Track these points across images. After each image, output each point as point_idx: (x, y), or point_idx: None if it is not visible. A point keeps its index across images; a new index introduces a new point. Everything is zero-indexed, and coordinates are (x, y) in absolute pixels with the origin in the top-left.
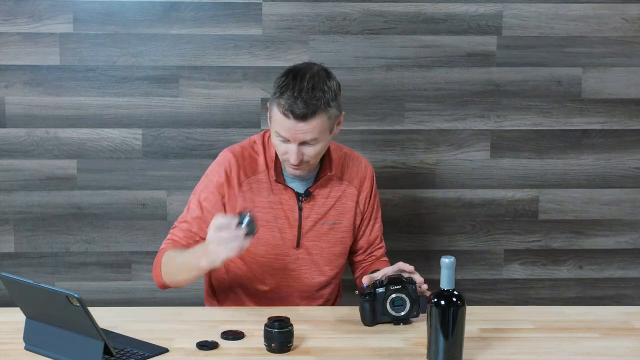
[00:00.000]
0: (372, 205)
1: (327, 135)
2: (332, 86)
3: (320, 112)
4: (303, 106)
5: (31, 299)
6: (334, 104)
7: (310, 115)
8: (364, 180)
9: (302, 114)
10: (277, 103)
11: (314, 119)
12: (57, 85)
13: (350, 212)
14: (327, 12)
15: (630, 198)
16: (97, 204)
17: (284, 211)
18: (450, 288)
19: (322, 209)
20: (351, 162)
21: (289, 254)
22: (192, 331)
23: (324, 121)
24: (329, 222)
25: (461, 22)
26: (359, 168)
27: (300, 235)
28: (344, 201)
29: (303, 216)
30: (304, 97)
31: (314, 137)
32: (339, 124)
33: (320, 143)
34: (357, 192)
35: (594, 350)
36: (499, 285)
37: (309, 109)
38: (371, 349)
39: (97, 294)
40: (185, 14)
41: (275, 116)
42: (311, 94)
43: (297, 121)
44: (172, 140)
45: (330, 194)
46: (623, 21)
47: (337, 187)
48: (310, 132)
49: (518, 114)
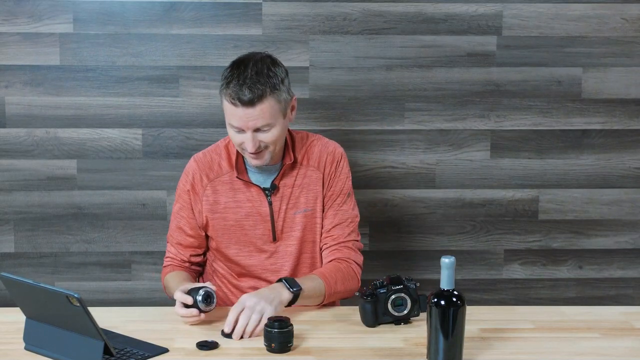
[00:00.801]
0: (335, 185)
1: (280, 119)
2: (278, 71)
3: (267, 96)
4: (248, 92)
5: (31, 299)
6: (282, 88)
7: (257, 99)
8: (330, 162)
9: (248, 99)
10: (224, 94)
11: (262, 104)
12: (57, 85)
13: (319, 196)
14: (327, 12)
15: (630, 198)
16: (97, 204)
17: (254, 208)
18: (450, 288)
19: (291, 199)
20: (317, 147)
21: (265, 249)
22: (192, 331)
23: (273, 105)
24: (300, 211)
25: (461, 22)
26: (325, 151)
27: (274, 229)
28: (312, 187)
29: (274, 209)
30: (248, 84)
31: (266, 123)
32: (292, 109)
33: (274, 128)
34: (322, 174)
35: (594, 350)
36: (499, 285)
37: (254, 94)
38: (371, 349)
39: (97, 294)
40: (185, 14)
41: (226, 107)
42: (255, 79)
43: (246, 107)
44: (172, 140)
45: (296, 183)
46: (623, 21)
47: (302, 174)
48: (260, 117)
49: (518, 114)
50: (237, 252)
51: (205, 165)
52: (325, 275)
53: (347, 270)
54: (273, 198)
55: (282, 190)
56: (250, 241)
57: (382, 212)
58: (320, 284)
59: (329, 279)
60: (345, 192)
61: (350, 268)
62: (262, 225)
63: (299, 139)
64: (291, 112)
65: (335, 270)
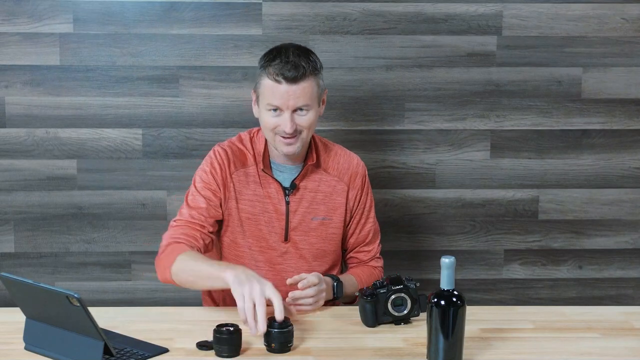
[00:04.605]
0: (364, 203)
1: (316, 105)
2: (316, 59)
3: (310, 76)
4: (293, 68)
5: (31, 299)
6: (320, 74)
7: (301, 77)
8: (355, 176)
9: (292, 76)
10: (266, 73)
11: (304, 82)
12: (57, 85)
13: (340, 208)
14: (327, 12)
15: (630, 198)
16: (97, 204)
17: (272, 204)
18: (450, 288)
19: (310, 203)
20: (342, 158)
21: (276, 247)
22: (192, 331)
23: (314, 87)
24: (318, 218)
25: (461, 22)
26: (350, 164)
27: (288, 229)
28: (334, 197)
29: (290, 209)
30: (293, 62)
31: (306, 103)
32: (323, 102)
33: (311, 112)
34: (347, 188)
35: (594, 350)
36: (499, 285)
37: (299, 71)
38: (371, 349)
39: (97, 294)
40: (185, 14)
41: (265, 87)
42: (299, 59)
43: (289, 84)
44: (172, 140)
45: (319, 189)
46: (623, 21)
47: (326, 181)
48: (302, 96)
49: (518, 114)
50: (250, 245)
51: (232, 154)
52: (358, 274)
53: (378, 275)
54: (291, 198)
55: (302, 192)
56: (263, 237)
57: (382, 212)
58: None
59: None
60: (372, 207)
61: (381, 273)
62: (277, 223)
63: (321, 143)
64: (322, 105)
65: (368, 273)
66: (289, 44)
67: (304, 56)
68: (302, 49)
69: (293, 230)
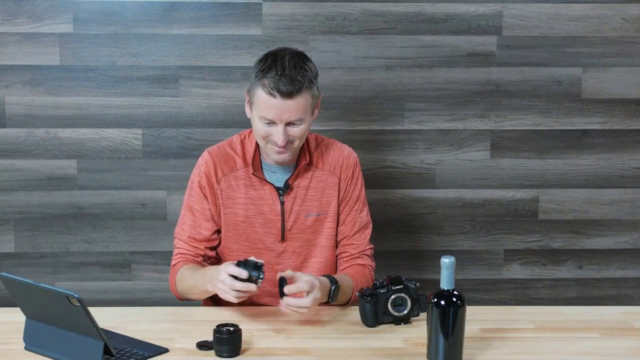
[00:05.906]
0: (351, 192)
1: (310, 116)
2: (312, 67)
3: (305, 90)
4: (289, 83)
5: (31, 299)
6: (315, 84)
7: (296, 92)
8: (346, 168)
9: (288, 91)
10: (260, 84)
11: (300, 96)
12: (57, 85)
13: (334, 201)
14: (327, 12)
15: (630, 198)
16: (97, 204)
17: (267, 206)
18: (450, 288)
19: (304, 201)
20: (332, 151)
21: (273, 248)
22: (192, 331)
23: (308, 100)
24: (312, 214)
25: (461, 22)
26: (340, 156)
27: (284, 229)
28: (327, 191)
29: (285, 209)
30: (289, 75)
31: (300, 117)
32: (317, 106)
33: (305, 123)
34: (338, 180)
35: (594, 350)
36: (499, 285)
37: (295, 86)
38: (371, 349)
39: (97, 294)
40: (185, 14)
41: (259, 98)
42: (295, 71)
43: (284, 99)
44: (172, 140)
45: (311, 185)
46: (623, 21)
47: (318, 177)
48: (296, 110)
49: (518, 114)
50: (245, 249)
51: (221, 159)
52: (354, 277)
53: (370, 276)
54: (285, 198)
55: (296, 190)
56: (259, 239)
57: (382, 212)
58: (350, 284)
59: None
60: (362, 198)
61: (371, 275)
62: (272, 224)
63: (313, 140)
64: (316, 109)
65: (361, 274)
66: (285, 50)
67: (299, 68)
68: (298, 56)
69: (289, 229)
